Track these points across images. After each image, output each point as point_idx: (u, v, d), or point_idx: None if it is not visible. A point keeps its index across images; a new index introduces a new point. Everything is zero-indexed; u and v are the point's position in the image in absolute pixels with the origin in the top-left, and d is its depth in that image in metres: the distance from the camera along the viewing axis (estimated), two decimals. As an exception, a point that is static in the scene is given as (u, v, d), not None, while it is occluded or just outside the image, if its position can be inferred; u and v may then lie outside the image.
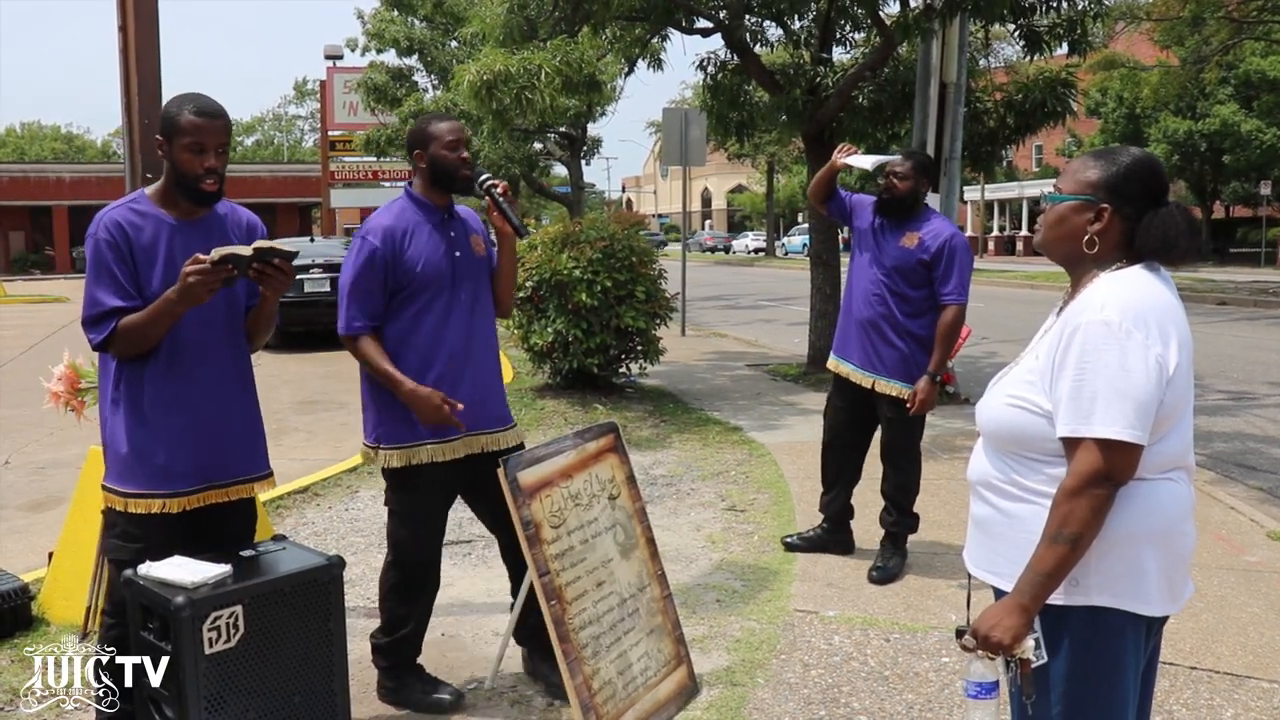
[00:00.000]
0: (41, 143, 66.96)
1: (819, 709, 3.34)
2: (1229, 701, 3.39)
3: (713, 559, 4.84)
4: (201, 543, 2.77)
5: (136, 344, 2.68)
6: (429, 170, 3.25)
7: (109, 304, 2.66)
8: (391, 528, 3.37)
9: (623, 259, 8.41)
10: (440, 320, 3.21)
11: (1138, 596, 1.88)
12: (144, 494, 2.73)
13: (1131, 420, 1.79)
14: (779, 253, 47.92)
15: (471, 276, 3.29)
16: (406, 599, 3.35)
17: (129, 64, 4.12)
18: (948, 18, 7.97)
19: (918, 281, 4.42)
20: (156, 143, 2.76)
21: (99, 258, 2.68)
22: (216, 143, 2.70)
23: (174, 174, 2.73)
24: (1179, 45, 25.33)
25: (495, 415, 3.36)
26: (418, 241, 3.21)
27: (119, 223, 2.70)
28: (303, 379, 11.10)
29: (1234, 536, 5.08)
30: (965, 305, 4.41)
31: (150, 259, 2.70)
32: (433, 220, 3.26)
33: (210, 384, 2.78)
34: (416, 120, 3.35)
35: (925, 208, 4.53)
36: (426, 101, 19.82)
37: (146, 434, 2.72)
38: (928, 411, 4.48)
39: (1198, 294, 19.65)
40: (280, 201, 42.02)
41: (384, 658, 3.40)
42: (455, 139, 3.23)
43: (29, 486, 6.47)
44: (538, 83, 8.61)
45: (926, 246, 4.38)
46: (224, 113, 2.76)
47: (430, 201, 3.28)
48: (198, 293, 2.57)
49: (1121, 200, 1.93)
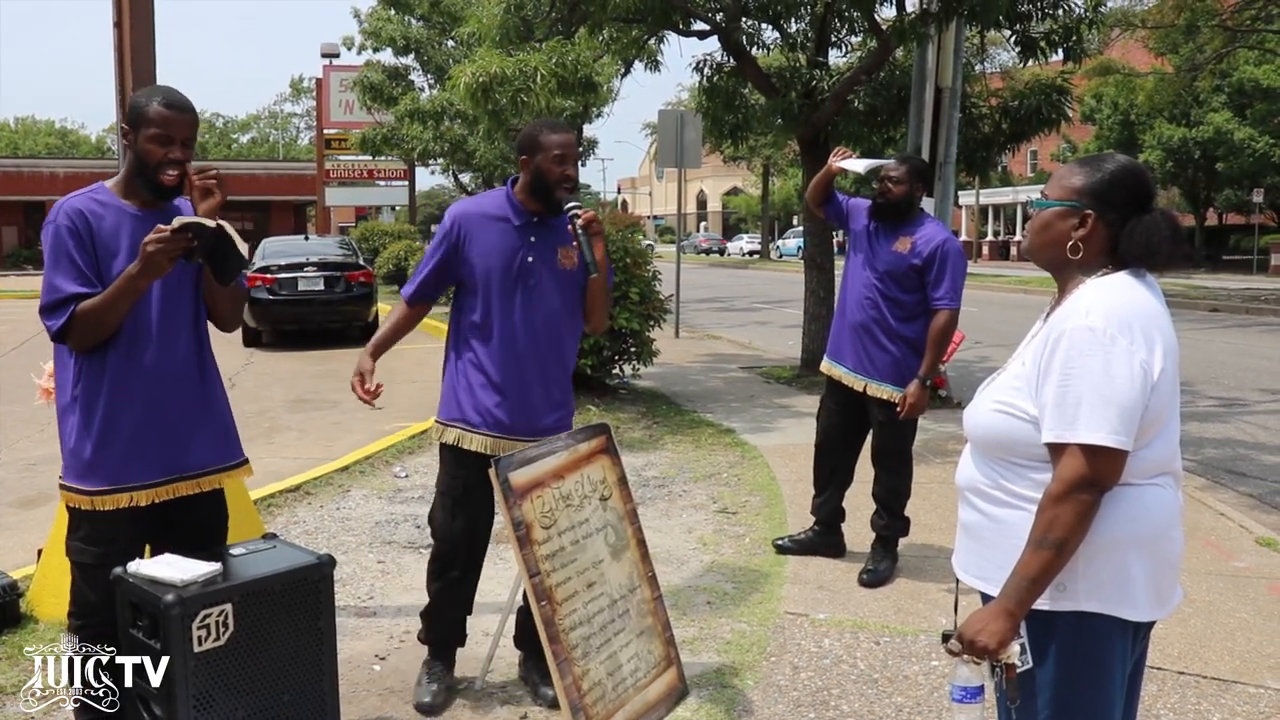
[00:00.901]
0: (36, 138, 66.81)
1: (808, 711, 3.35)
2: (1216, 706, 3.40)
3: (704, 561, 4.84)
4: (170, 539, 2.73)
5: (96, 329, 2.62)
6: (531, 178, 3.25)
7: (68, 290, 2.60)
8: (433, 504, 3.47)
9: (617, 260, 8.42)
10: (504, 321, 3.24)
11: (1124, 602, 1.88)
12: (111, 489, 2.68)
13: (1116, 426, 1.80)
14: (773, 255, 47.98)
15: (547, 284, 3.27)
16: (433, 577, 3.44)
17: (124, 60, 4.12)
18: (943, 22, 7.99)
19: (910, 286, 4.43)
20: (122, 131, 2.73)
21: (59, 244, 2.62)
22: (183, 136, 2.67)
23: (136, 164, 2.69)
24: (1174, 53, 25.43)
25: (542, 426, 3.33)
26: (489, 235, 3.26)
27: (80, 210, 2.66)
28: (295, 377, 11.08)
29: (1223, 542, 5.10)
30: (957, 310, 4.42)
31: (112, 249, 2.66)
32: (517, 221, 3.27)
33: (173, 373, 2.74)
34: (530, 123, 3.36)
35: (920, 212, 4.54)
36: (423, 101, 19.81)
37: (110, 426, 2.67)
38: (918, 415, 4.49)
39: (1190, 300, 19.72)
40: (275, 199, 41.93)
41: (422, 629, 3.55)
42: (563, 154, 3.22)
43: (20, 483, 6.45)
44: (533, 84, 8.61)
45: (919, 251, 4.39)
46: (193, 107, 2.74)
47: (522, 204, 3.29)
48: (159, 262, 2.51)
49: (1106, 206, 1.94)
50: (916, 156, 4.60)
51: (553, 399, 3.36)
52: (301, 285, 13.49)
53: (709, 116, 10.82)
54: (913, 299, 4.43)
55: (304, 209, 43.62)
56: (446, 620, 3.47)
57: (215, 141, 71.79)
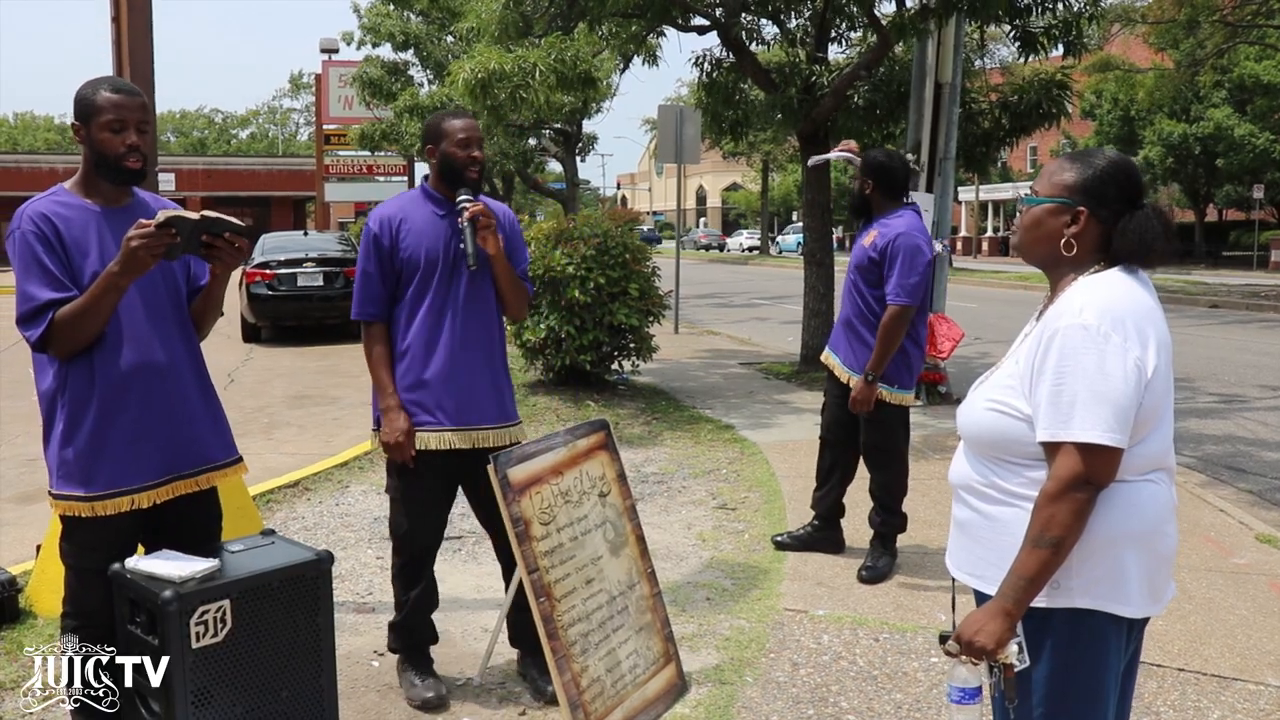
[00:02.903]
0: (35, 133, 66.77)
1: (807, 708, 3.35)
2: (1215, 703, 3.40)
3: (703, 557, 4.84)
4: (164, 540, 2.70)
5: (78, 334, 2.55)
6: (439, 166, 3.29)
7: (43, 297, 2.53)
8: (390, 512, 3.43)
9: (616, 256, 8.41)
10: (437, 310, 3.24)
11: (1119, 598, 1.88)
12: (112, 493, 2.64)
13: (1111, 424, 1.80)
14: (773, 251, 47.96)
15: (477, 272, 3.28)
16: (405, 585, 3.40)
17: (121, 55, 4.11)
18: (943, 18, 7.97)
19: (873, 280, 4.43)
20: (74, 129, 2.66)
21: (27, 251, 2.55)
22: (136, 120, 2.62)
23: (94, 157, 2.64)
24: (1174, 48, 25.39)
25: (495, 412, 3.35)
26: (417, 230, 3.25)
27: (44, 214, 2.58)
28: (295, 373, 11.07)
29: (1223, 539, 5.10)
30: (908, 306, 4.29)
31: (83, 249, 2.60)
32: (440, 211, 3.29)
33: (164, 372, 2.70)
34: (434, 115, 3.38)
35: (900, 205, 4.51)
36: (422, 96, 19.77)
37: (105, 429, 2.62)
38: (861, 412, 4.45)
39: (1190, 297, 19.71)
40: (274, 195, 41.93)
41: (391, 638, 3.50)
42: (467, 137, 3.25)
43: (18, 479, 6.45)
44: (533, 80, 8.61)
45: (877, 245, 4.39)
46: (141, 92, 2.69)
47: (440, 194, 3.32)
48: (141, 258, 2.46)
49: (1097, 203, 1.93)
50: (882, 150, 4.59)
51: (499, 384, 3.38)
52: (301, 281, 13.47)
53: (708, 112, 10.80)
54: (876, 294, 4.43)
55: (303, 204, 43.61)
56: (424, 623, 3.45)
57: (215, 137, 71.74)
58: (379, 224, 3.28)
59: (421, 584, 3.40)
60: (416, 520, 3.34)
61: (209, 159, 48.40)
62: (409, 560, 3.38)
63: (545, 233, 8.70)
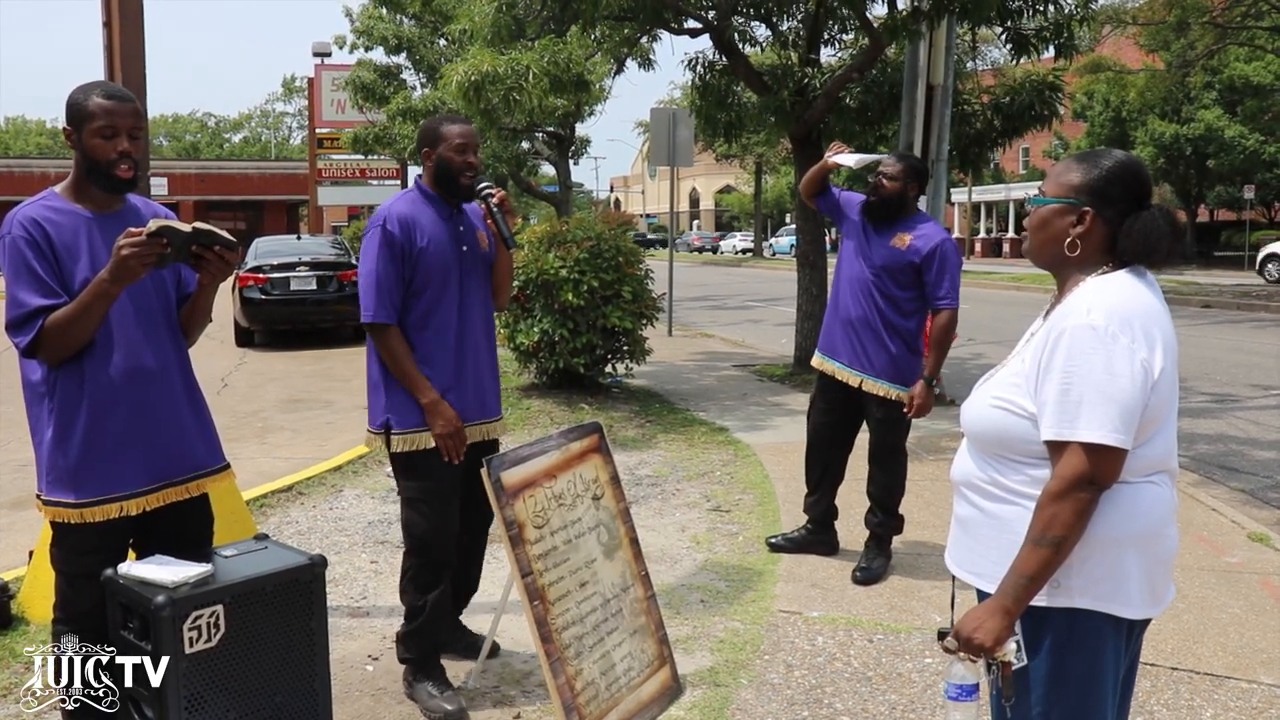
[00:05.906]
0: (27, 138, 66.61)
1: (802, 709, 3.35)
2: (1209, 702, 3.41)
3: (697, 559, 4.84)
4: (155, 548, 2.68)
5: (68, 341, 2.53)
6: (435, 169, 3.31)
7: (33, 303, 2.51)
8: (404, 514, 3.39)
9: (609, 259, 8.41)
10: (449, 311, 3.28)
11: (1118, 599, 1.88)
12: (101, 500, 2.62)
13: (1117, 424, 1.80)
14: (766, 253, 47.97)
15: (477, 271, 3.37)
16: (422, 589, 3.34)
17: (114, 60, 4.11)
18: (935, 20, 7.99)
19: (906, 282, 4.43)
20: (65, 134, 2.64)
21: (17, 257, 2.53)
22: (128, 126, 2.60)
23: (85, 163, 2.61)
24: (1164, 50, 25.49)
25: (495, 404, 3.48)
26: (429, 231, 3.27)
27: (35, 219, 2.56)
28: (288, 377, 11.05)
29: (1216, 538, 5.11)
30: (957, 309, 4.43)
31: (73, 255, 2.58)
32: (442, 214, 3.32)
33: (155, 378, 2.68)
34: (430, 119, 3.40)
35: (917, 209, 4.54)
36: (415, 99, 19.76)
37: (95, 435, 2.60)
38: (925, 415, 4.50)
39: (1183, 297, 19.76)
40: (267, 199, 41.88)
41: (404, 649, 3.43)
42: (464, 143, 3.27)
43: (11, 485, 6.43)
44: (525, 83, 8.61)
45: (917, 249, 4.38)
46: (133, 97, 2.68)
47: (439, 195, 3.34)
48: (132, 267, 2.43)
49: (1104, 203, 1.93)
50: (914, 155, 4.60)
51: (496, 375, 3.48)
52: (294, 285, 13.45)
53: (701, 115, 10.80)
54: (908, 295, 4.43)
55: (296, 208, 43.57)
56: (441, 629, 3.42)
57: (208, 141, 71.59)
58: (397, 224, 3.22)
59: (440, 587, 3.35)
60: (437, 518, 3.31)
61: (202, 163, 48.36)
62: (428, 562, 3.33)
63: (539, 236, 8.70)
